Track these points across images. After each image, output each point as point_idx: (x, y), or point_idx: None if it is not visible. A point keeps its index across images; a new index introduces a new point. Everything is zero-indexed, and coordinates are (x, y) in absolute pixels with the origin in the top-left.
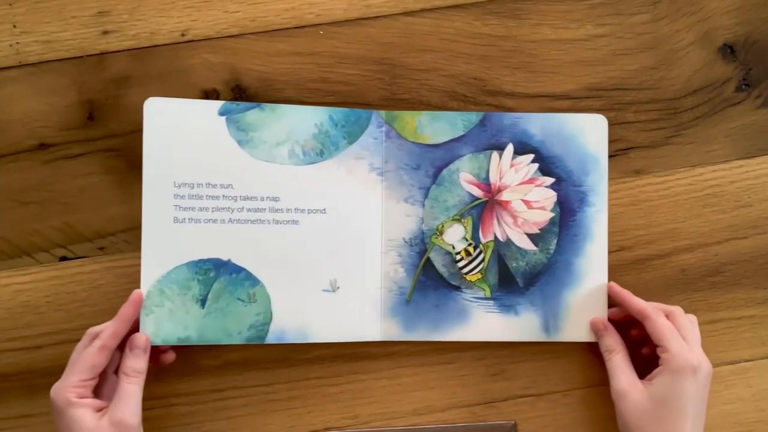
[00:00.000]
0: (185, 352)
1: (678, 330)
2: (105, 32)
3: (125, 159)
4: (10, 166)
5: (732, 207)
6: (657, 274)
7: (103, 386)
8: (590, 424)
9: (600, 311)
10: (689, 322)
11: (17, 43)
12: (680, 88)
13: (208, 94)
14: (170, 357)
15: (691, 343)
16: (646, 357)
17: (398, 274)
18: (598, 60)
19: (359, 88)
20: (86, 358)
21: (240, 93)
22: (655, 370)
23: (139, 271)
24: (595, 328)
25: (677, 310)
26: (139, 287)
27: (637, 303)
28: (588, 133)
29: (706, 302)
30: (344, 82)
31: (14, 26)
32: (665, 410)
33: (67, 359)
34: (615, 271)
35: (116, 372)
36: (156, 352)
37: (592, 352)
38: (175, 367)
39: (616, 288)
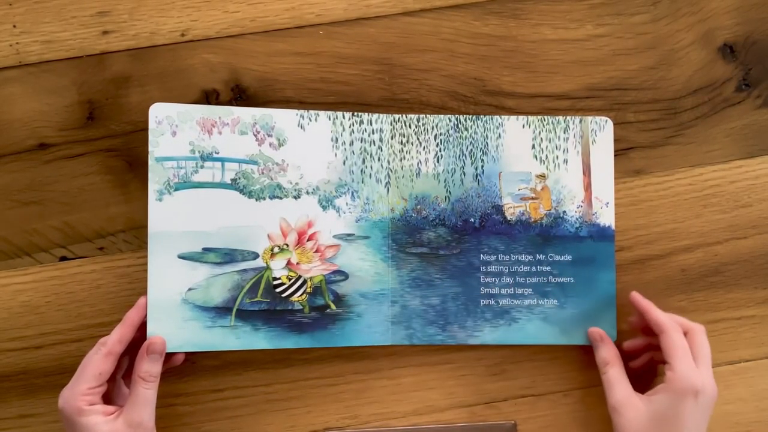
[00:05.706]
0: (185, 352)
1: (692, 348)
2: (105, 32)
3: (125, 159)
4: (10, 166)
5: (732, 207)
6: (657, 274)
7: (111, 391)
8: (590, 424)
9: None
10: (706, 343)
11: (17, 43)
12: (680, 88)
13: (208, 94)
14: (179, 358)
15: (701, 364)
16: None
17: None
18: (598, 60)
19: (359, 88)
20: (93, 365)
21: (240, 93)
22: (657, 387)
23: (139, 271)
24: (591, 338)
25: (698, 329)
26: (139, 287)
27: (657, 315)
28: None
29: (706, 302)
30: (344, 82)
31: (14, 26)
32: (662, 430)
33: (67, 359)
34: (615, 272)
35: (124, 377)
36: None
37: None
38: (175, 367)
39: (638, 297)
